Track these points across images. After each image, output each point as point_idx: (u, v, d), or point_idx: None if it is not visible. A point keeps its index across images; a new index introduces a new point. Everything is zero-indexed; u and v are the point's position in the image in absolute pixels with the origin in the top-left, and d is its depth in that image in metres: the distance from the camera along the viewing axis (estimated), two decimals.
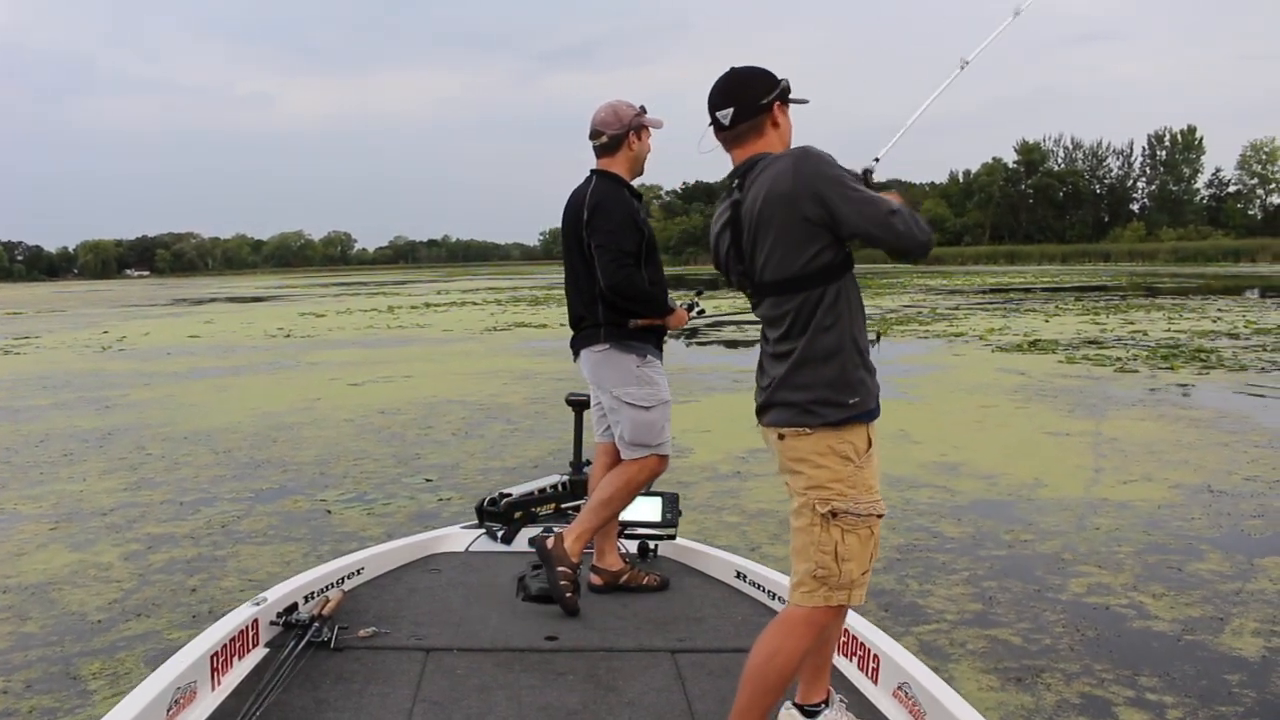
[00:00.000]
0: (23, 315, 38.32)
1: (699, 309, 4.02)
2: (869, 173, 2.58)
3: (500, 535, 4.45)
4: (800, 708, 2.68)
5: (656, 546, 4.29)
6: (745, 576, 3.87)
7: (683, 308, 3.87)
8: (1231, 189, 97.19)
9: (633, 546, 4.27)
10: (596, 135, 3.78)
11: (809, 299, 2.39)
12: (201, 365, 16.31)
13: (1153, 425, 8.92)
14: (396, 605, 3.66)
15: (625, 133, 3.74)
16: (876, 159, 2.69)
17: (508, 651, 3.26)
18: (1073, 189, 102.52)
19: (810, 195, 2.34)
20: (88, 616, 4.60)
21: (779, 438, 2.46)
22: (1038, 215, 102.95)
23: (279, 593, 3.41)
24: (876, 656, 2.97)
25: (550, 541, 3.60)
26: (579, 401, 4.46)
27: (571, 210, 3.79)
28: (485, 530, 4.51)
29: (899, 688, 2.82)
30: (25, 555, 5.61)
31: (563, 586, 3.54)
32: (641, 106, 3.79)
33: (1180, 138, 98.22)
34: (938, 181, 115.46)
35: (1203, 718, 3.44)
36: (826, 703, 2.69)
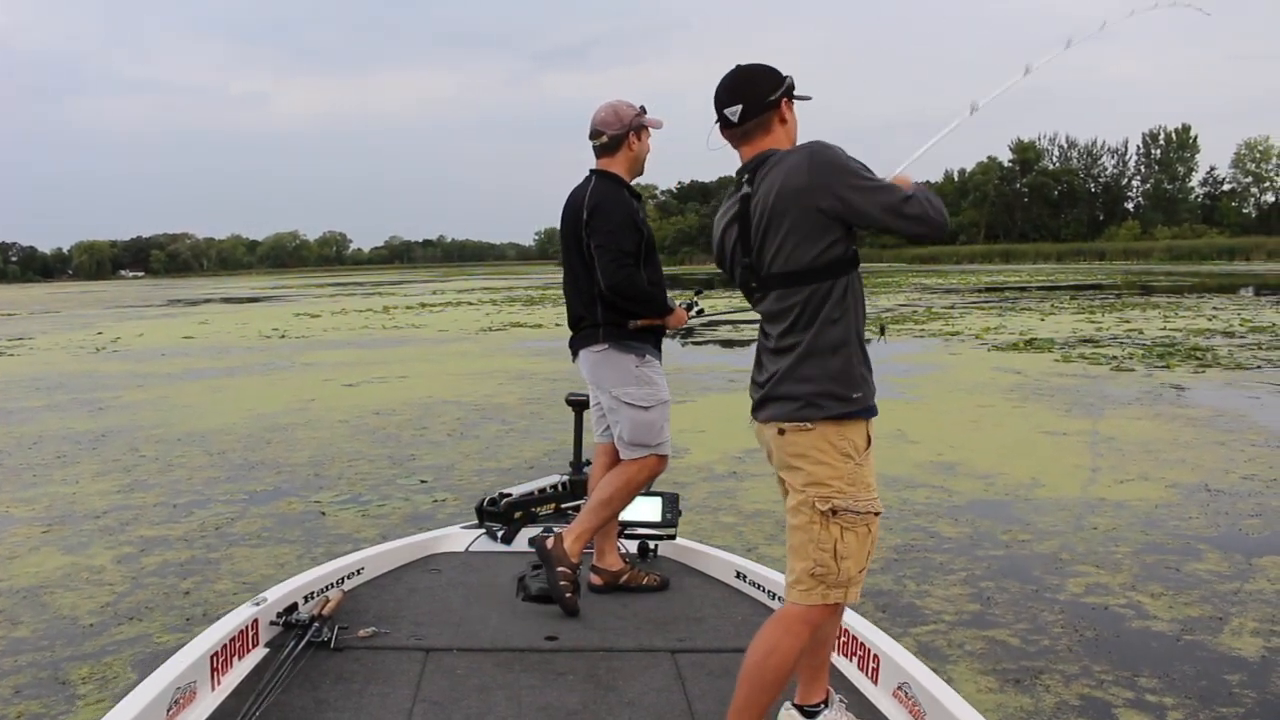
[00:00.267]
0: (16, 316, 38.21)
1: (698, 308, 4.01)
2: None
3: (500, 535, 4.45)
4: (800, 708, 2.68)
5: (656, 546, 4.29)
6: (745, 576, 3.87)
7: (682, 307, 3.86)
8: (1226, 187, 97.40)
9: (633, 546, 4.27)
10: (596, 135, 3.77)
11: (817, 292, 2.40)
12: (196, 366, 16.26)
13: (1149, 424, 8.91)
14: (396, 605, 3.65)
15: (625, 133, 3.74)
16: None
17: (508, 651, 3.26)
18: (1067, 188, 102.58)
19: (825, 187, 2.35)
20: (79, 620, 4.56)
21: (779, 433, 2.44)
22: (1033, 214, 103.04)
23: (279, 593, 3.41)
24: (876, 656, 2.97)
25: (550, 541, 3.60)
26: (578, 401, 4.46)
27: (571, 210, 3.79)
28: (485, 530, 4.51)
29: (899, 688, 2.82)
30: (17, 558, 5.57)
31: (562, 586, 3.54)
32: (641, 107, 3.80)
33: (1175, 136, 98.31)
34: (933, 180, 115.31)
35: (1203, 719, 3.42)
36: (826, 703, 2.68)
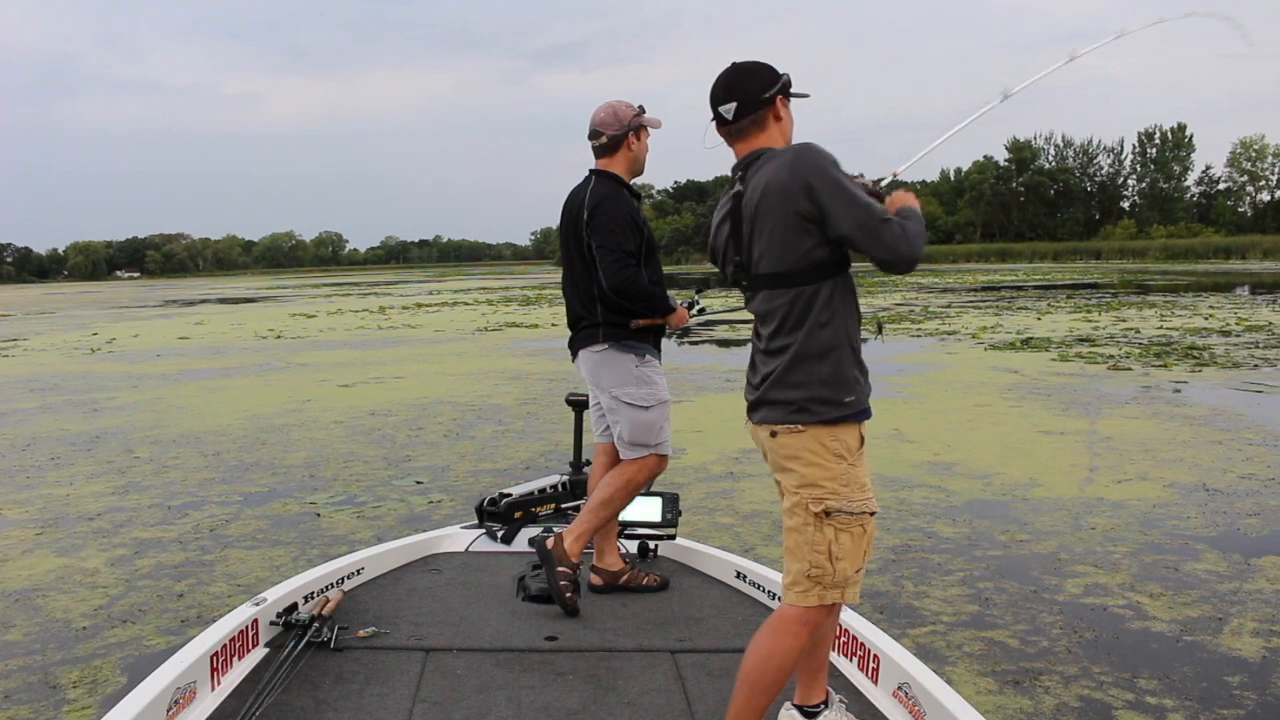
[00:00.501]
0: (11, 317, 38.11)
1: (699, 307, 4.00)
2: (879, 183, 2.55)
3: (500, 535, 4.45)
4: (800, 709, 2.68)
5: (656, 546, 4.30)
6: (745, 576, 3.88)
7: (683, 306, 3.86)
8: (1221, 186, 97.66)
9: (633, 546, 4.27)
10: (596, 135, 3.77)
11: (803, 294, 2.38)
12: (191, 367, 16.20)
13: (1147, 423, 8.90)
14: (396, 605, 3.65)
15: (625, 133, 3.74)
16: (895, 174, 2.67)
17: (507, 651, 3.26)
18: (1064, 187, 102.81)
19: (804, 190, 2.33)
20: (72, 623, 4.52)
21: (771, 435, 2.44)
22: (1029, 213, 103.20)
23: (279, 593, 3.41)
24: (876, 656, 2.97)
25: (550, 541, 3.61)
26: (578, 402, 4.46)
27: (571, 211, 3.79)
28: (485, 530, 4.51)
29: (899, 688, 2.82)
30: (10, 561, 5.53)
31: (563, 586, 3.55)
32: (640, 107, 3.80)
33: (1170, 135, 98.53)
34: (929, 179, 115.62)
35: None
36: (826, 703, 2.68)
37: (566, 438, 8.65)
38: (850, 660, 3.13)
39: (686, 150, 2.57)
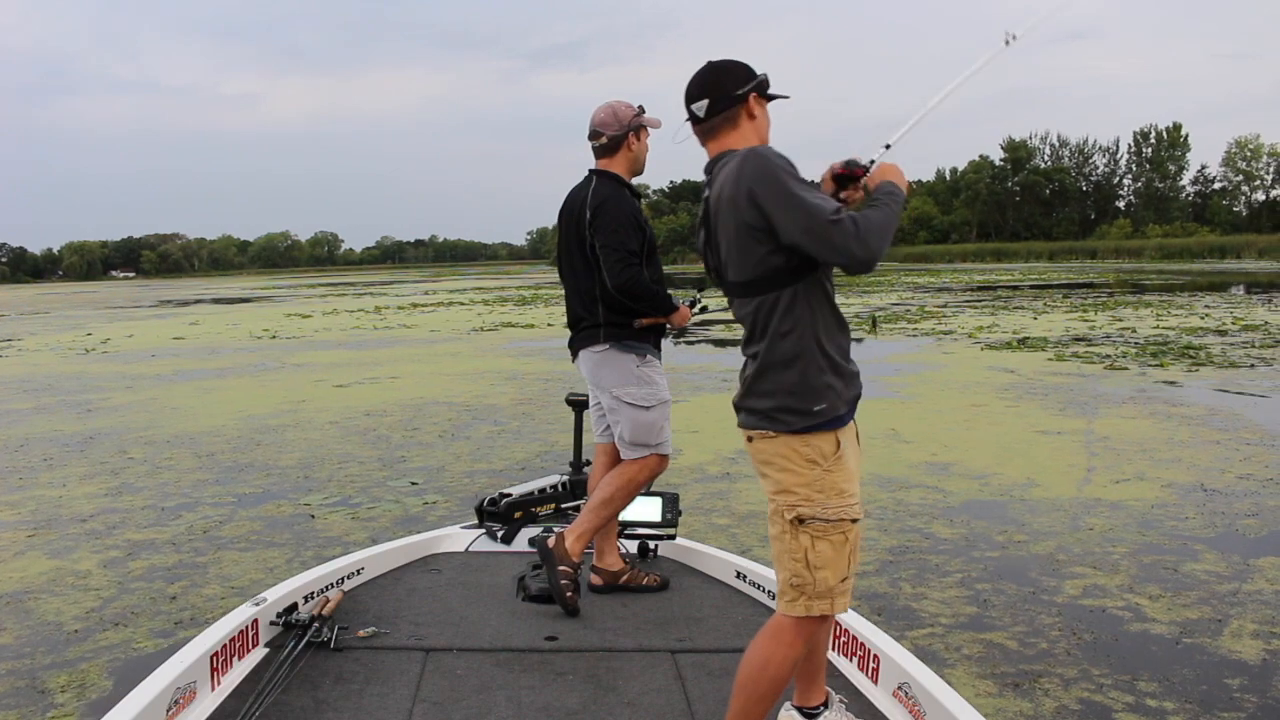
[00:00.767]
0: (5, 317, 38.00)
1: (701, 305, 3.99)
2: (873, 163, 2.45)
3: (500, 535, 4.46)
4: (800, 710, 2.66)
5: (656, 546, 4.30)
6: (745, 576, 3.88)
7: (685, 305, 3.85)
8: (1217, 186, 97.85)
9: (633, 546, 4.27)
10: (596, 136, 3.77)
11: (765, 302, 2.33)
12: (186, 367, 16.15)
13: (1144, 423, 8.88)
14: (396, 605, 3.65)
15: (625, 133, 3.75)
16: (887, 145, 2.54)
17: (508, 651, 3.26)
18: (1059, 186, 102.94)
19: (748, 199, 2.26)
20: (64, 626, 4.48)
21: (748, 440, 2.42)
22: (1024, 212, 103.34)
23: (279, 593, 3.41)
24: (876, 656, 2.97)
25: (551, 541, 3.61)
26: (578, 402, 4.46)
27: (572, 211, 3.79)
28: (485, 530, 4.52)
29: (899, 688, 2.81)
30: (1, 563, 5.48)
31: (563, 586, 3.55)
32: (640, 107, 3.80)
33: (1166, 135, 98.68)
34: (925, 179, 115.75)
35: None
36: (826, 704, 2.66)
37: (563, 438, 8.65)
38: (850, 660, 3.12)
39: (683, 150, 2.53)
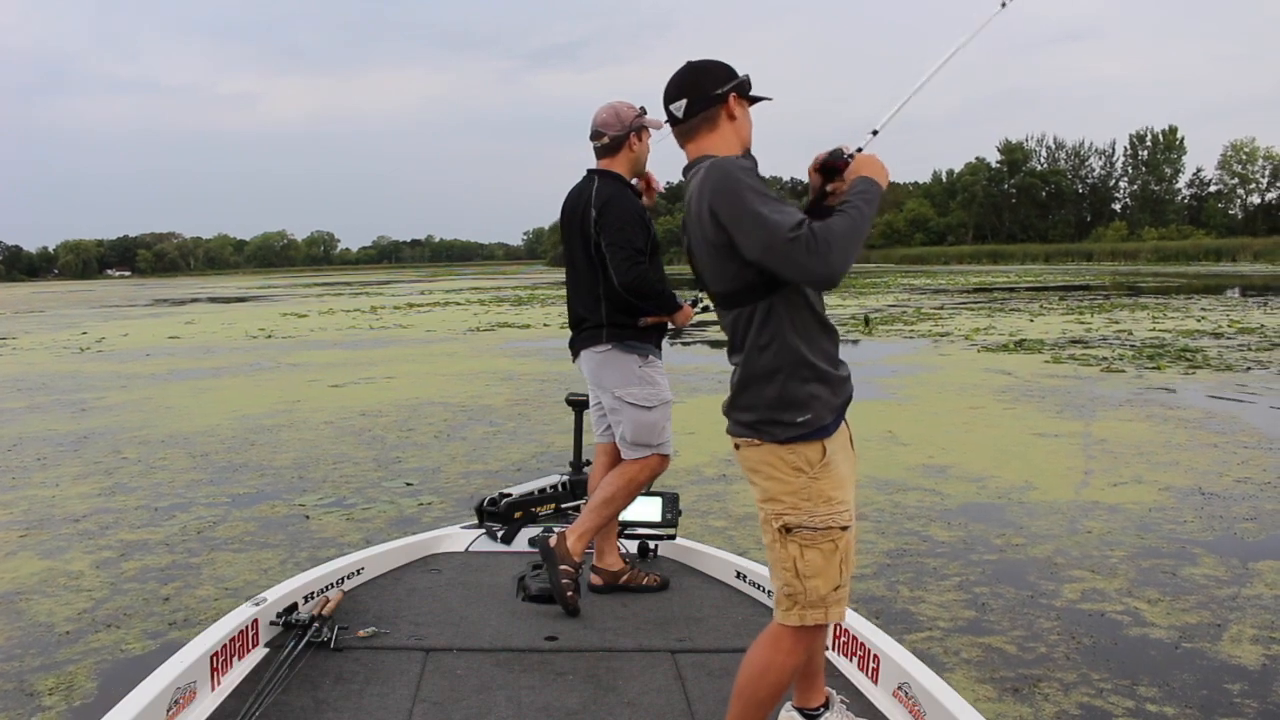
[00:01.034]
0: (0, 316, 37.88)
1: (703, 304, 3.98)
2: (860, 150, 2.39)
3: (500, 535, 4.45)
4: (801, 711, 2.65)
5: (656, 546, 4.30)
6: (745, 576, 3.88)
7: (688, 304, 3.84)
8: (1212, 189, 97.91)
9: (633, 546, 4.27)
10: (598, 136, 3.77)
11: (742, 315, 2.30)
12: (181, 367, 16.10)
13: (1141, 426, 8.87)
14: (396, 605, 3.65)
15: (626, 134, 3.75)
16: (874, 131, 2.47)
17: (508, 651, 3.26)
18: (1055, 189, 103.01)
19: (711, 217, 2.22)
20: (55, 628, 4.45)
21: (735, 447, 2.41)
22: (1021, 215, 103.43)
23: (279, 593, 3.41)
24: (876, 656, 2.96)
25: (553, 540, 3.61)
26: (578, 402, 4.46)
27: (575, 210, 3.78)
28: (485, 530, 4.52)
29: (899, 688, 2.81)
30: None
31: (564, 586, 3.55)
32: (642, 108, 3.79)
33: (1162, 138, 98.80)
34: (921, 181, 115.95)
35: None
36: (827, 705, 2.65)
37: (558, 439, 8.62)
38: (850, 660, 3.12)
39: (680, 151, 2.48)
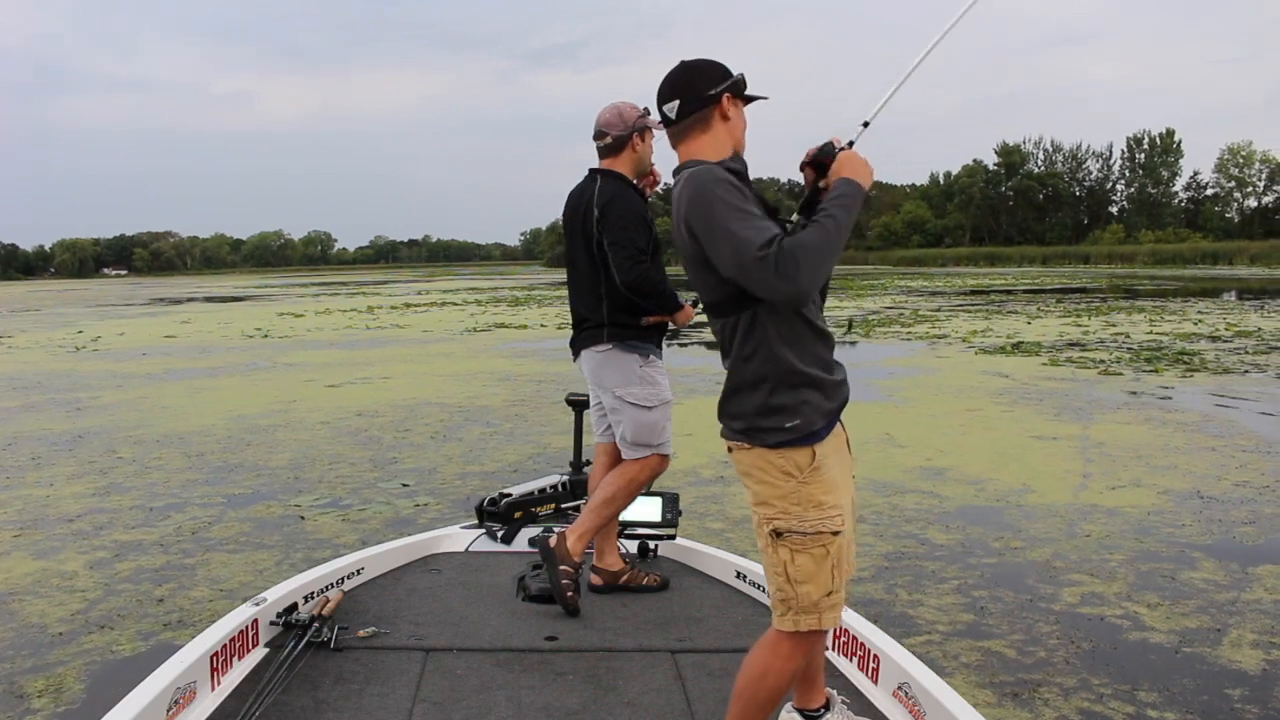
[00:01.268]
0: None
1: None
2: (850, 144, 2.36)
3: (500, 535, 4.45)
4: (802, 712, 2.63)
5: (656, 546, 4.29)
6: (745, 576, 3.87)
7: (689, 304, 3.83)
8: (1209, 192, 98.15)
9: (633, 546, 4.27)
10: (601, 136, 3.77)
11: (727, 324, 2.29)
12: (176, 366, 16.06)
13: (1139, 429, 8.85)
14: (396, 605, 3.65)
15: (629, 134, 3.74)
16: (865, 123, 2.44)
17: (508, 651, 3.26)
18: (1052, 191, 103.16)
19: (688, 231, 2.22)
20: (48, 629, 4.41)
21: (729, 449, 2.40)
22: (1018, 217, 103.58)
23: (279, 593, 3.40)
24: (876, 656, 2.96)
25: (553, 540, 3.61)
26: (579, 402, 4.46)
27: (578, 210, 3.77)
28: (485, 530, 4.51)
29: (899, 688, 2.80)
30: None
31: (564, 586, 3.54)
32: (645, 108, 3.78)
33: (1159, 141, 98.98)
34: (918, 183, 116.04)
35: None
36: (828, 706, 2.64)
37: (556, 440, 8.60)
38: (850, 660, 3.12)
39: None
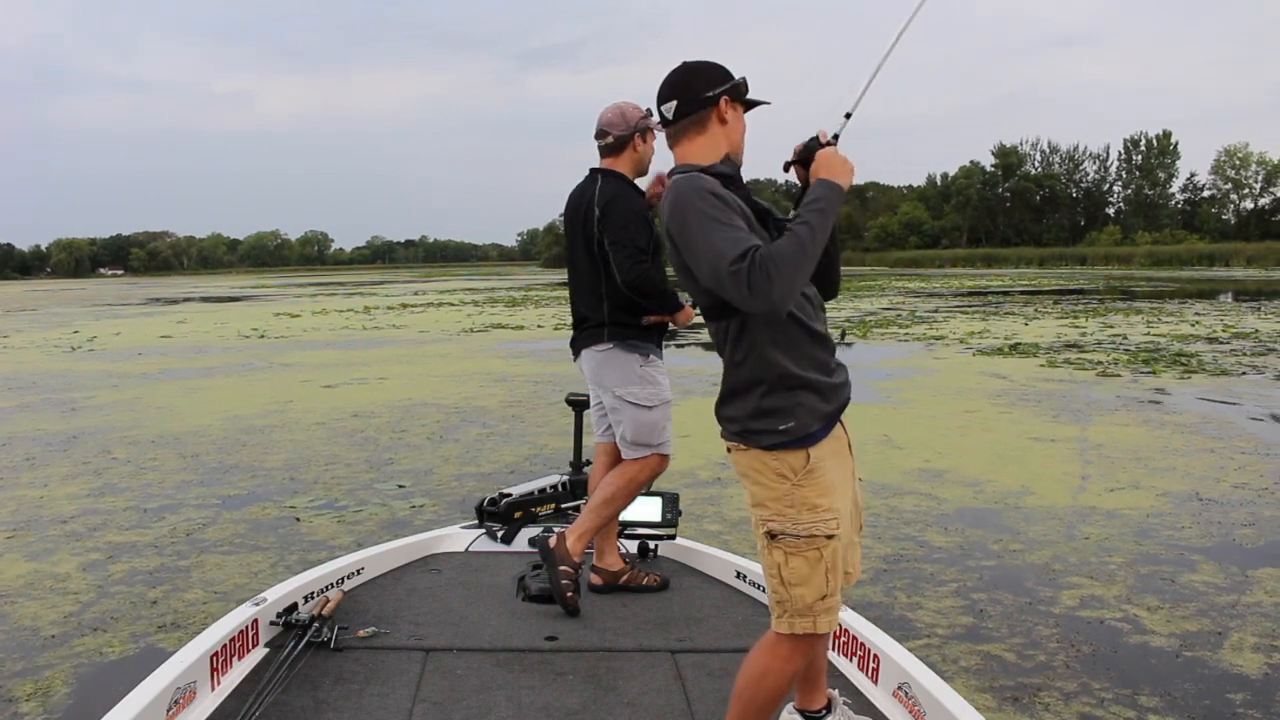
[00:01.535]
0: None
1: None
2: (835, 138, 2.32)
3: (500, 535, 4.45)
4: (802, 713, 2.62)
5: (656, 546, 4.29)
6: (745, 576, 3.87)
7: (689, 304, 3.81)
8: (1206, 194, 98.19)
9: (633, 546, 4.26)
10: (602, 135, 3.76)
11: (719, 329, 2.29)
12: (172, 366, 16.01)
13: (1138, 431, 8.84)
14: (396, 605, 3.65)
15: (631, 134, 3.74)
16: (848, 114, 2.37)
17: (508, 651, 3.25)
18: (1049, 193, 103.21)
19: (670, 240, 2.23)
20: (41, 631, 4.38)
21: (728, 449, 2.39)
22: (1015, 218, 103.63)
23: (279, 593, 3.40)
24: (876, 656, 2.95)
25: (553, 540, 3.60)
26: (579, 401, 4.45)
27: (579, 209, 3.76)
28: (485, 530, 4.51)
29: (899, 688, 2.80)
30: None
31: (564, 586, 3.54)
32: (648, 109, 3.77)
33: (1156, 142, 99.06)
34: (915, 184, 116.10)
35: None
36: (829, 707, 2.63)
37: (553, 440, 8.57)
38: (850, 660, 3.11)
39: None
